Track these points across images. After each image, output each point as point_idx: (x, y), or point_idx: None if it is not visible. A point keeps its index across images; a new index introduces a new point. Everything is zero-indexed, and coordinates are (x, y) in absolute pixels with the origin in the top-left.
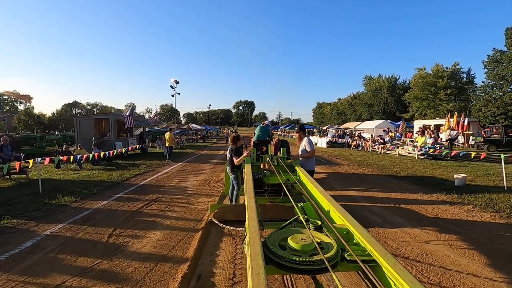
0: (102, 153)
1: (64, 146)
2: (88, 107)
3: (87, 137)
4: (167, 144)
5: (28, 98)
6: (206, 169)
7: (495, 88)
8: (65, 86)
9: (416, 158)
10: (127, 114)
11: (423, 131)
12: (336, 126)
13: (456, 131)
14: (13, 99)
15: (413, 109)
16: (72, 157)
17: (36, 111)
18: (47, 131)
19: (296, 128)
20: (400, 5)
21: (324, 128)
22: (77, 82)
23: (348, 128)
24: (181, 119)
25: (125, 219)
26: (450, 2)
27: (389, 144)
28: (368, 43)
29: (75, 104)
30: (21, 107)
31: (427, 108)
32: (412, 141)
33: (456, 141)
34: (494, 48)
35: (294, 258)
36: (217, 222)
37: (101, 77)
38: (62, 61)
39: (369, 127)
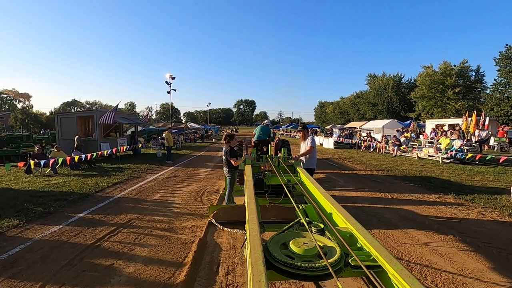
0: (76, 157)
1: (36, 148)
2: (87, 105)
3: (70, 137)
4: (167, 144)
5: (27, 96)
6: (201, 175)
7: (507, 86)
8: (65, 86)
9: (440, 162)
10: (111, 110)
11: (445, 131)
12: (339, 125)
13: (486, 131)
14: (11, 98)
15: (419, 108)
16: (32, 162)
17: (35, 109)
18: (43, 130)
19: (300, 127)
20: (400, 6)
21: (328, 127)
22: (78, 82)
23: (354, 127)
24: (182, 118)
25: (69, 263)
26: (451, 2)
27: (404, 146)
28: (369, 44)
29: (74, 102)
30: (19, 106)
31: (434, 107)
32: (431, 142)
33: (486, 142)
34: (506, 45)
35: (296, 263)
36: (216, 224)
37: (101, 77)
38: (63, 61)
39: (376, 127)
